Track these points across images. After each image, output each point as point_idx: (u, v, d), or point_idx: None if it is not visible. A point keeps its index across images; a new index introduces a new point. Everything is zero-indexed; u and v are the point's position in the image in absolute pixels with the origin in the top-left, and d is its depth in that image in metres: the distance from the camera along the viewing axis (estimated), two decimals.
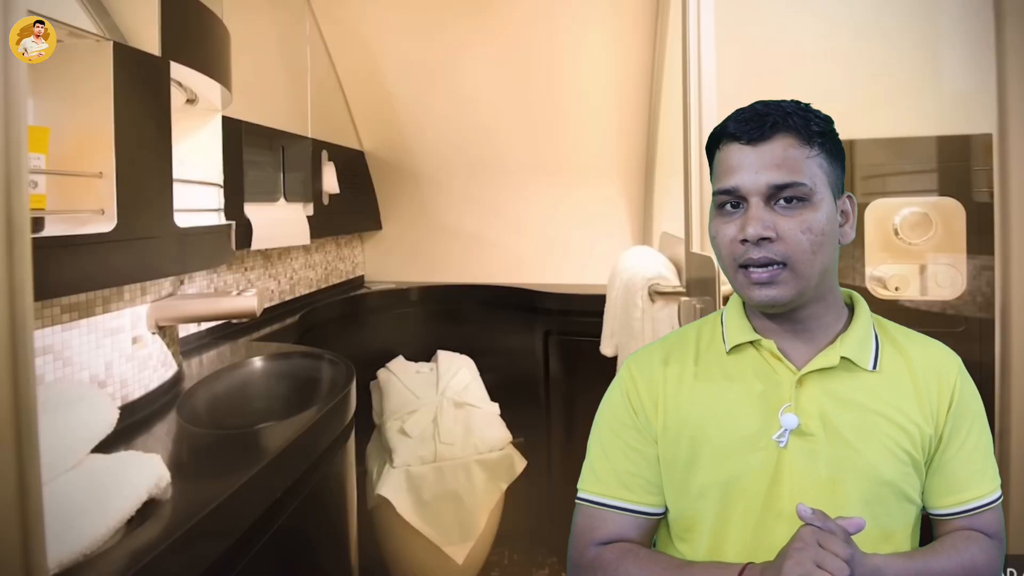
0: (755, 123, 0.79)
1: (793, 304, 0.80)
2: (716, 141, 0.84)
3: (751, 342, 0.85)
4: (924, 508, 0.86)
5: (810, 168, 0.79)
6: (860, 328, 0.85)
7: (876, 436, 0.80)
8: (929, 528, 0.87)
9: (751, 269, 0.79)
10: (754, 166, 0.78)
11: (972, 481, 0.83)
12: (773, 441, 0.80)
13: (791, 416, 0.80)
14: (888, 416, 0.81)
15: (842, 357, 0.82)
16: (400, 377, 2.51)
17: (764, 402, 0.82)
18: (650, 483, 0.87)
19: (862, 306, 0.88)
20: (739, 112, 0.83)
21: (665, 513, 0.89)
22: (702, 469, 0.83)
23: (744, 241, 0.78)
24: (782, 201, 0.78)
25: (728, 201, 0.81)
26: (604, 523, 0.87)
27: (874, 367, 0.83)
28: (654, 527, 0.89)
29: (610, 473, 0.87)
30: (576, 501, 0.90)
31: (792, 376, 0.82)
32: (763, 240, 0.77)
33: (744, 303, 0.89)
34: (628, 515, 0.86)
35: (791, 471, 0.80)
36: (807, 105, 0.83)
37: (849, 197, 0.84)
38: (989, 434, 0.86)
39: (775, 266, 0.78)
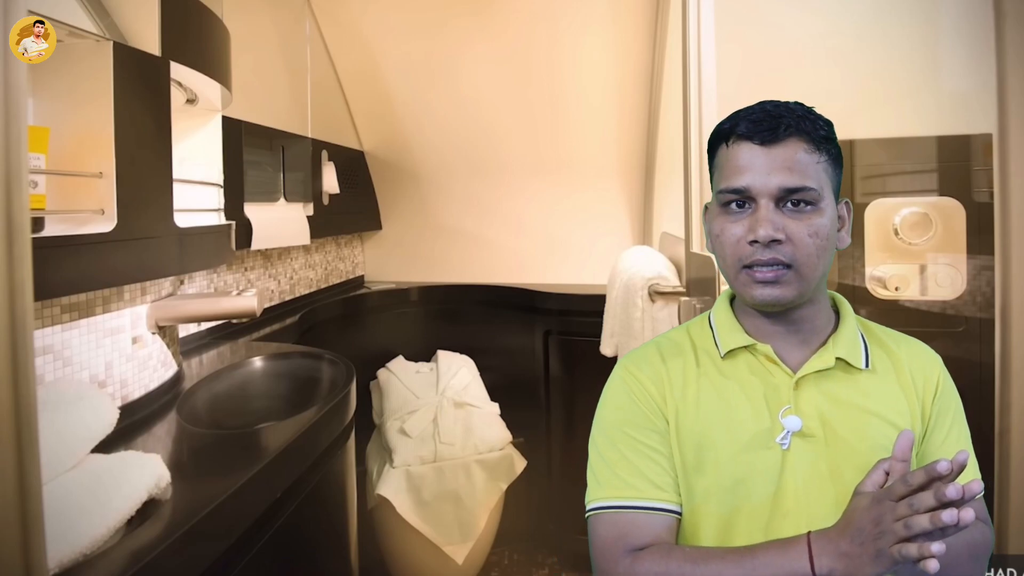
0: (768, 124, 0.79)
1: (792, 304, 0.81)
2: (723, 138, 0.84)
3: (746, 347, 0.86)
4: None
5: (818, 173, 0.79)
6: (849, 329, 0.86)
7: (872, 435, 0.81)
8: None
9: (756, 269, 0.79)
10: (766, 168, 0.79)
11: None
12: (776, 443, 0.81)
13: (794, 418, 0.81)
14: (882, 415, 0.82)
15: (837, 358, 0.83)
16: (400, 377, 2.51)
17: (764, 405, 0.83)
18: (676, 480, 0.84)
19: (847, 307, 0.89)
20: (749, 111, 0.82)
21: None
22: (707, 473, 0.83)
23: (753, 243, 0.79)
24: (790, 204, 0.79)
25: (735, 200, 0.81)
26: (636, 527, 0.80)
27: (866, 366, 0.84)
28: (679, 531, 0.85)
29: (635, 475, 0.83)
30: (591, 514, 0.84)
31: (789, 379, 0.83)
32: (773, 242, 0.78)
33: (732, 305, 0.90)
34: (660, 515, 0.81)
35: (794, 472, 0.81)
36: (811, 108, 0.83)
37: (846, 203, 0.85)
38: (968, 432, 0.88)
39: (781, 267, 0.78)
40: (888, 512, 0.69)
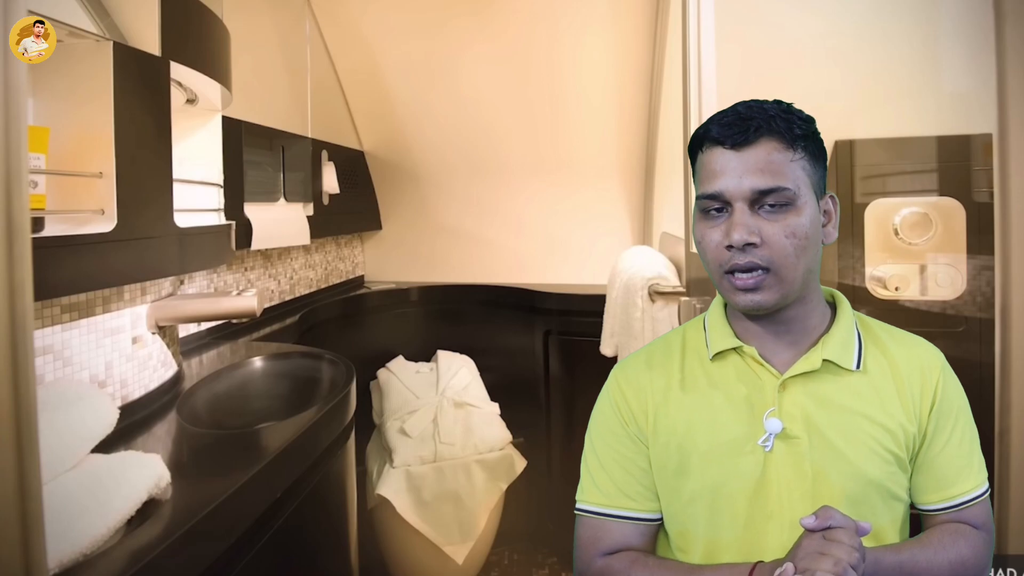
0: (738, 127, 0.78)
1: (777, 307, 0.81)
2: (698, 143, 0.83)
3: (734, 348, 0.86)
4: (912, 504, 0.86)
5: (794, 172, 0.78)
6: (842, 328, 0.85)
7: (860, 437, 0.81)
8: (917, 523, 0.88)
9: (736, 275, 0.79)
10: (738, 171, 0.78)
11: (959, 477, 0.83)
12: (759, 445, 0.81)
13: (775, 420, 0.81)
14: (871, 417, 0.81)
15: (824, 360, 0.82)
16: (400, 377, 2.51)
17: (749, 407, 0.83)
18: (648, 490, 0.88)
19: (844, 305, 0.88)
20: (721, 115, 0.81)
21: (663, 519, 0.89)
22: (691, 475, 0.84)
23: (729, 247, 0.78)
24: (766, 206, 0.78)
25: (712, 206, 0.81)
26: (608, 533, 0.87)
27: (857, 367, 0.83)
28: (655, 533, 0.90)
29: (609, 483, 0.88)
30: (576, 512, 0.90)
31: (775, 381, 0.83)
32: (748, 246, 0.77)
33: (725, 306, 0.90)
34: (630, 523, 0.87)
35: (778, 474, 0.81)
36: (789, 106, 0.82)
37: (832, 197, 0.84)
38: (975, 428, 0.86)
39: (759, 271, 0.78)
40: (800, 548, 0.71)
